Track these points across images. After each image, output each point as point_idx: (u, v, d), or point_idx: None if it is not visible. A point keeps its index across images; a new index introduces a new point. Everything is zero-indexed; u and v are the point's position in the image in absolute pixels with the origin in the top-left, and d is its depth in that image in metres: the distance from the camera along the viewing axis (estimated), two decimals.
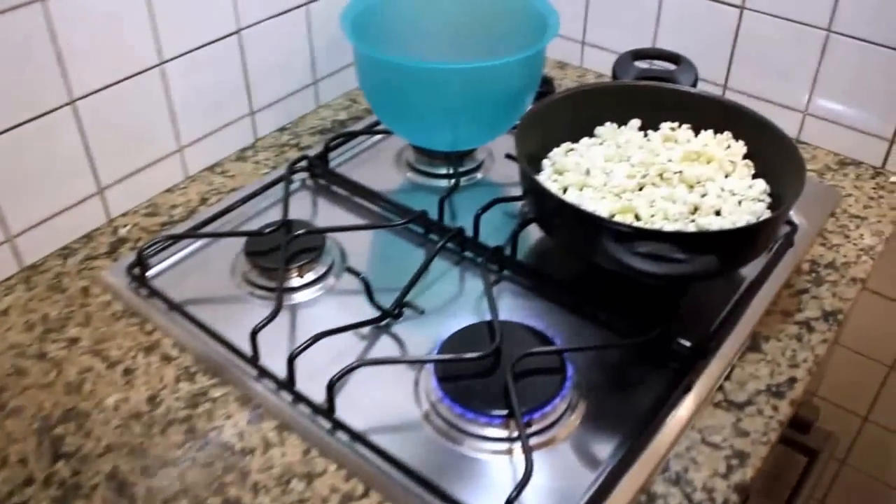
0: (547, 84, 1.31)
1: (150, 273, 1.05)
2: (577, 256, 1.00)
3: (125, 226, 1.13)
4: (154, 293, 1.01)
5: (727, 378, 0.93)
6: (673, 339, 0.94)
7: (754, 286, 1.03)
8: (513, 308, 1.00)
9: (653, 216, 0.96)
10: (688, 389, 0.90)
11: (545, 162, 1.06)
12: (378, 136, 1.31)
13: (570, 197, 1.00)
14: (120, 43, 1.06)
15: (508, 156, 1.18)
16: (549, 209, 0.97)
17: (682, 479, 0.82)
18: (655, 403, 0.89)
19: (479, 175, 1.24)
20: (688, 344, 0.93)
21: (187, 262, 1.07)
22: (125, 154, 1.12)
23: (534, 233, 1.09)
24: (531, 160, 1.04)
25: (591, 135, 1.11)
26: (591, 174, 1.02)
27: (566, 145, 1.09)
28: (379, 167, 1.26)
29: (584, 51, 1.51)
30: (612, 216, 0.96)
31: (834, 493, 1.68)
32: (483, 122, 1.13)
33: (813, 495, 1.06)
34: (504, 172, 1.23)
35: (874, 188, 1.24)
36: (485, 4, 1.23)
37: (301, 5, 1.27)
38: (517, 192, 1.08)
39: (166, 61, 1.12)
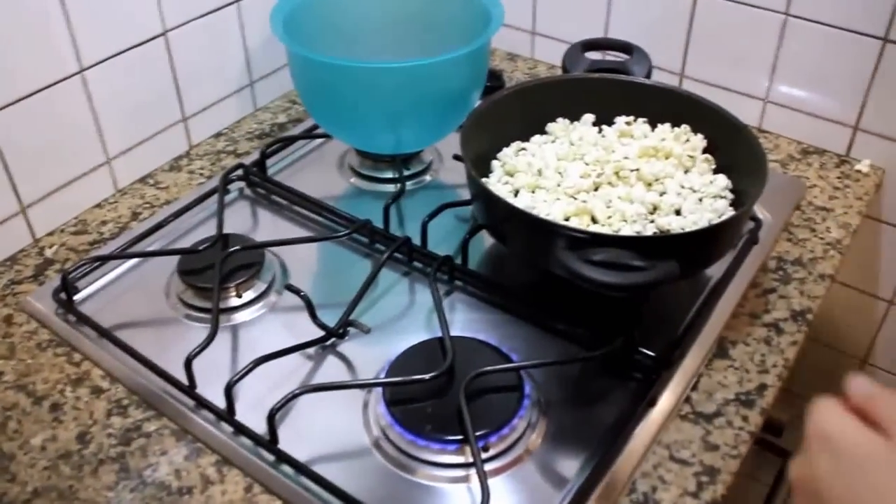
0: (496, 78, 1.25)
1: (77, 297, 0.98)
2: (531, 265, 0.94)
3: (52, 246, 1.06)
4: (82, 319, 0.94)
5: (694, 388, 0.88)
6: (636, 349, 0.89)
7: (719, 287, 0.98)
8: (466, 321, 0.95)
9: (610, 218, 0.91)
10: (653, 403, 0.85)
11: (495, 163, 1.00)
12: (318, 140, 1.24)
13: (522, 200, 0.94)
14: (36, 51, 0.99)
15: (456, 157, 1.12)
16: (499, 215, 0.91)
17: (651, 499, 0.77)
18: (620, 418, 0.84)
19: (427, 178, 1.18)
20: (651, 354, 0.88)
21: (118, 284, 1.01)
22: (48, 169, 1.05)
23: (486, 239, 1.03)
24: (479, 161, 0.98)
25: (542, 132, 1.05)
26: (543, 175, 0.97)
27: (516, 145, 1.03)
28: (321, 173, 1.19)
29: (535, 41, 1.45)
30: (567, 219, 0.91)
31: None
32: (428, 122, 1.08)
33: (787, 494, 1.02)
34: (453, 174, 1.17)
35: (839, 177, 1.20)
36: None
37: (231, 3, 1.20)
38: (467, 195, 1.02)
39: (87, 68, 1.05)
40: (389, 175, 1.16)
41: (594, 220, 0.91)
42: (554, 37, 1.43)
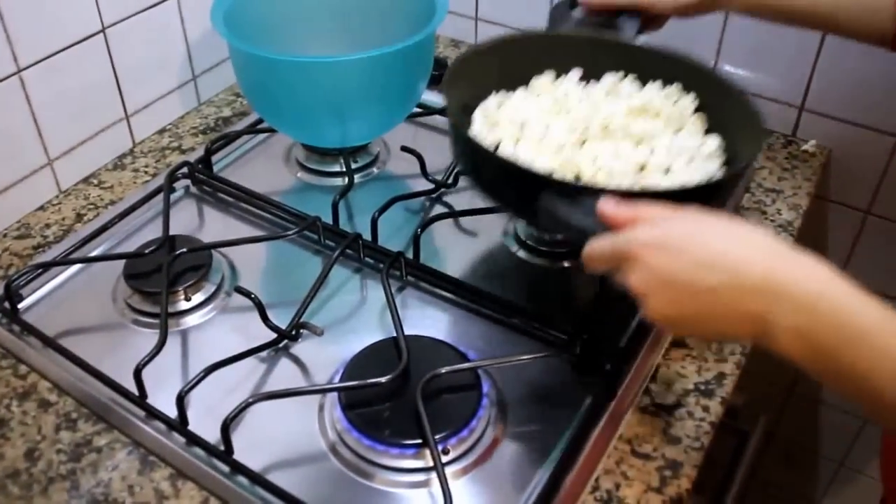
0: (441, 66, 1.23)
1: (22, 305, 0.95)
2: (516, 214, 0.92)
3: None
4: (27, 329, 0.92)
5: (652, 379, 0.88)
6: (597, 345, 0.88)
7: None
8: (420, 318, 0.94)
9: (596, 174, 0.86)
10: (612, 396, 0.85)
11: (476, 114, 0.94)
12: (263, 135, 1.22)
13: (505, 151, 0.88)
14: None
15: (405, 148, 1.10)
16: (482, 165, 0.86)
17: (614, 497, 0.77)
18: (580, 414, 0.84)
19: (374, 170, 1.16)
20: (611, 347, 0.88)
21: (63, 290, 0.98)
22: None
23: (438, 230, 1.01)
24: (461, 111, 0.93)
25: (526, 86, 1.00)
26: (527, 128, 0.91)
27: (500, 96, 0.97)
28: (267, 168, 1.17)
29: (479, 27, 1.44)
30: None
31: (763, 465, 1.66)
32: (374, 114, 1.06)
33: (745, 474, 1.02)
34: (402, 166, 1.16)
35: (787, 158, 1.20)
36: None
37: None
38: (418, 186, 1.02)
39: (24, 69, 1.02)
40: (337, 169, 1.15)
41: (578, 179, 0.86)
42: (498, 22, 1.41)
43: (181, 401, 0.81)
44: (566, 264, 1.01)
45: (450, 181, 1.08)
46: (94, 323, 0.94)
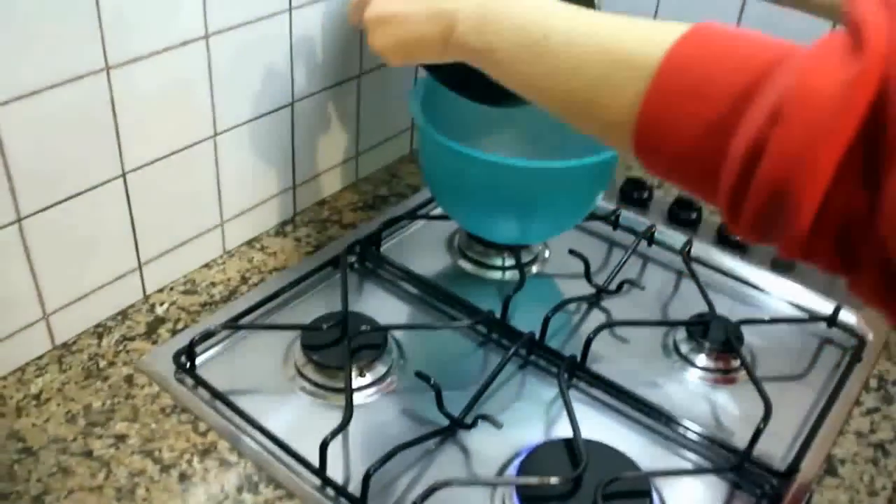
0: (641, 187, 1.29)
1: (197, 361, 0.97)
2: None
3: (162, 303, 1.06)
4: (206, 387, 0.94)
5: None
6: (754, 463, 0.90)
7: (827, 405, 1.00)
8: (583, 419, 0.94)
9: None
10: None
11: None
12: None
13: None
14: (178, 114, 1.00)
15: (573, 252, 1.12)
16: None
17: None
18: None
19: (534, 268, 1.19)
20: (773, 469, 0.90)
21: (235, 349, 1.01)
22: (169, 228, 1.06)
23: (604, 338, 1.03)
24: None
25: None
26: None
27: None
28: (429, 250, 1.20)
29: None
30: None
31: None
32: (552, 218, 1.08)
33: None
34: (560, 265, 1.18)
35: None
36: None
37: (353, 77, 1.22)
38: (577, 287, 1.04)
39: (220, 133, 1.06)
40: (498, 261, 1.18)
41: None
42: None
43: (367, 479, 0.82)
44: (728, 384, 1.03)
45: (611, 287, 1.11)
46: (266, 386, 0.96)
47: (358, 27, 0.87)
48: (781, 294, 1.17)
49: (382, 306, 1.09)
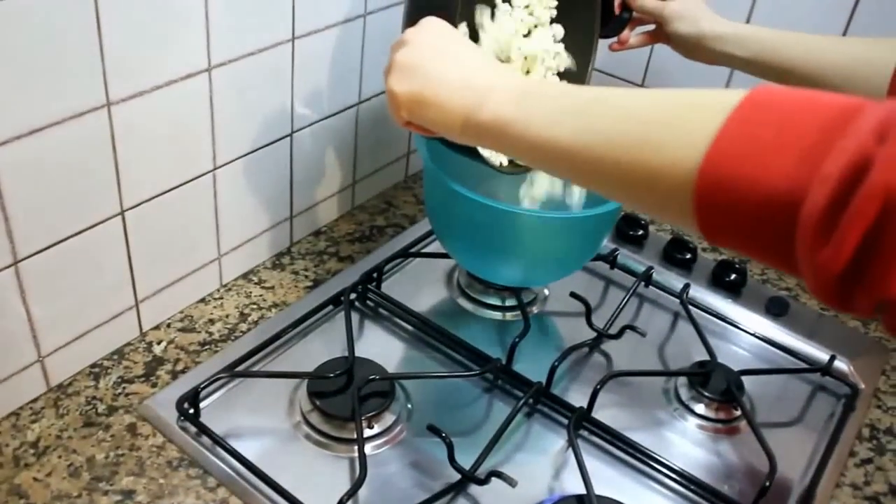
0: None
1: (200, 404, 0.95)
2: None
3: (160, 342, 1.03)
4: (212, 438, 0.91)
5: None
6: None
7: (825, 457, 1.01)
8: (593, 471, 0.93)
9: None
10: None
11: None
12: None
13: None
14: (179, 149, 0.97)
15: (574, 295, 1.12)
16: None
17: None
18: None
19: (534, 309, 1.19)
20: None
21: (238, 394, 0.99)
22: (166, 264, 1.03)
23: (607, 384, 1.03)
24: None
25: None
26: None
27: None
28: (428, 287, 1.19)
29: None
30: None
31: None
32: (555, 264, 1.08)
33: None
34: (562, 304, 1.18)
35: None
36: None
37: (352, 106, 1.20)
38: (578, 330, 1.05)
39: (220, 166, 1.03)
40: (497, 302, 1.17)
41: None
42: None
43: None
44: (731, 434, 1.04)
45: (612, 331, 1.11)
46: (271, 433, 0.95)
47: None
48: (773, 337, 1.19)
49: (385, 347, 1.08)
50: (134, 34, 0.85)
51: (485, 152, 0.98)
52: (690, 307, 1.19)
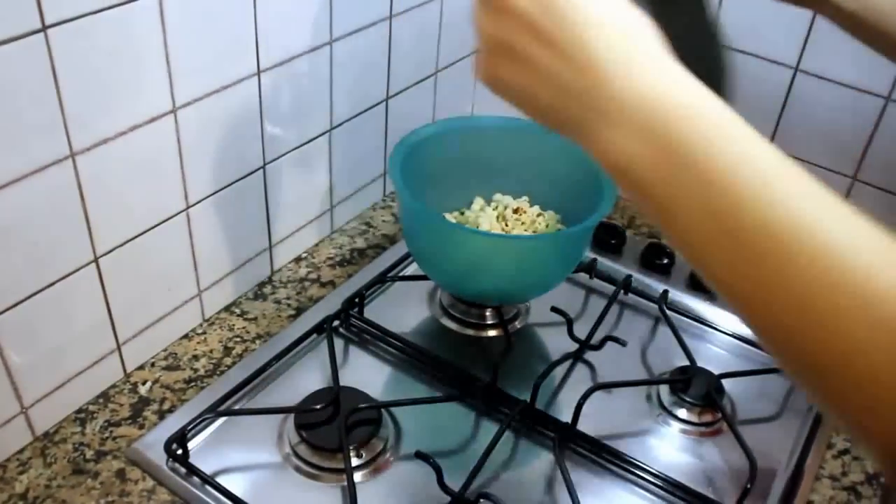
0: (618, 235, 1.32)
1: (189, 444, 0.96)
2: None
3: (145, 382, 1.04)
4: (202, 478, 0.92)
5: None
6: None
7: (804, 452, 1.03)
8: (580, 485, 0.94)
9: None
10: None
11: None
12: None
13: None
14: (148, 192, 0.98)
15: (555, 309, 1.13)
16: None
17: None
18: None
19: (517, 324, 1.19)
20: None
21: (226, 431, 0.99)
22: (145, 306, 1.04)
23: (594, 400, 1.04)
24: None
25: None
26: None
27: None
28: (410, 308, 1.20)
29: None
30: None
31: None
32: (535, 282, 1.09)
33: None
34: (543, 316, 1.18)
35: None
36: (546, 155, 1.14)
37: (324, 133, 1.21)
38: (559, 342, 1.07)
39: (192, 205, 1.04)
40: (480, 320, 1.18)
41: None
42: None
43: None
44: (712, 436, 1.05)
45: (594, 342, 1.12)
46: (261, 466, 0.96)
47: None
48: (751, 336, 1.18)
49: (371, 372, 1.08)
50: (92, 82, 0.85)
51: None
52: (669, 312, 1.20)
